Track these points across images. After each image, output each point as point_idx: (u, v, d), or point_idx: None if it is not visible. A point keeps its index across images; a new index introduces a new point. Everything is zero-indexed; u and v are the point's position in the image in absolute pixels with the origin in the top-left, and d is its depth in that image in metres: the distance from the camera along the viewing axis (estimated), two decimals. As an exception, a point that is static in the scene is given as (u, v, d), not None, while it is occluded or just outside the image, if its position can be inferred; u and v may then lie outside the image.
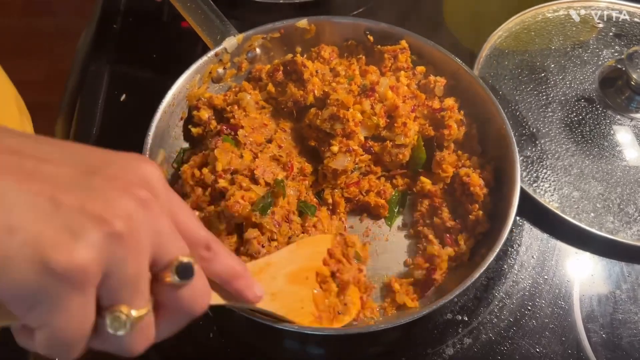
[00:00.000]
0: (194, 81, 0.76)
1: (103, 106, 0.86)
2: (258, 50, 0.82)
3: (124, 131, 0.81)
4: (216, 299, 0.43)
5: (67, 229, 0.31)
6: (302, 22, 0.81)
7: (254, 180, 0.68)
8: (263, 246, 0.64)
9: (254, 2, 0.94)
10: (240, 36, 0.79)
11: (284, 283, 0.58)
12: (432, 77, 0.79)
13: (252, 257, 0.63)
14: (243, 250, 0.64)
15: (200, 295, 0.38)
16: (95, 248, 0.31)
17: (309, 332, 0.61)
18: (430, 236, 0.72)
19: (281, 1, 0.94)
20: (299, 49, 0.83)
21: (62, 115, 0.87)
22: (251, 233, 0.64)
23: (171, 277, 0.35)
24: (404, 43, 0.80)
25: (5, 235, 0.30)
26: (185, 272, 0.36)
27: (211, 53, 0.77)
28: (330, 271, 0.65)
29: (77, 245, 0.31)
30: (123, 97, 0.87)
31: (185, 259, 0.36)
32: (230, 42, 0.78)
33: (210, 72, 0.78)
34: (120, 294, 0.33)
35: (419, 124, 0.76)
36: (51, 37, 2.02)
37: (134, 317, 0.34)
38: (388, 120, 0.74)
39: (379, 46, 0.81)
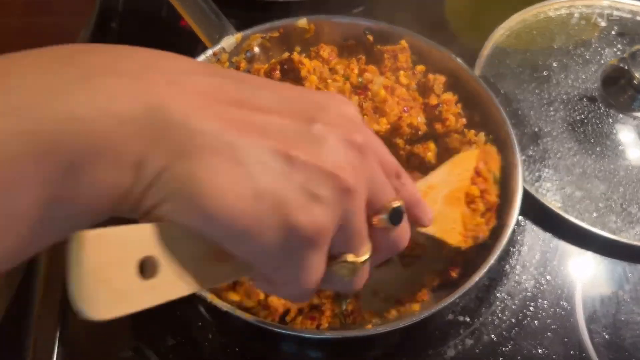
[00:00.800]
0: None
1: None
2: (257, 50, 0.81)
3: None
4: None
5: (305, 188, 0.32)
6: (302, 22, 0.81)
7: None
8: None
9: (254, 1, 0.93)
10: (239, 35, 0.78)
11: (441, 205, 0.59)
12: (431, 75, 0.78)
13: None
14: None
15: (406, 234, 0.41)
16: (331, 206, 0.33)
17: (306, 335, 0.61)
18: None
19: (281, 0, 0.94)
20: (297, 49, 0.82)
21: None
22: None
23: (384, 222, 0.37)
24: (403, 43, 0.79)
25: (254, 201, 0.30)
26: (397, 216, 0.38)
27: (209, 52, 0.76)
28: (479, 190, 0.65)
29: (317, 206, 0.32)
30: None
31: (396, 204, 0.37)
32: (229, 41, 0.77)
33: None
34: (349, 245, 0.36)
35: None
36: (51, 37, 2.02)
37: (360, 263, 0.36)
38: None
39: (378, 46, 0.81)
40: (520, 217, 0.77)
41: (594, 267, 0.74)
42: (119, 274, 0.28)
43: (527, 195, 0.75)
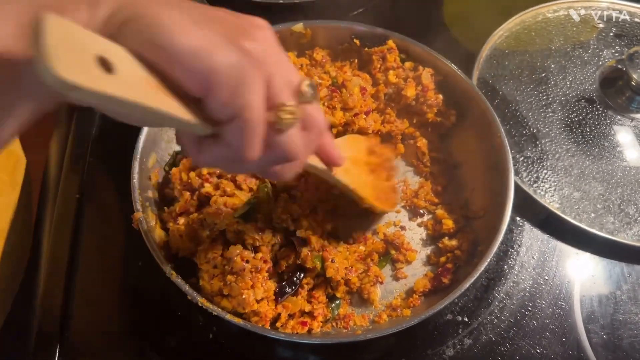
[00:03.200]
0: None
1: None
2: None
3: (123, 132, 0.81)
4: (313, 161, 0.54)
5: (248, 21, 0.41)
6: (298, 26, 0.81)
7: (239, 185, 0.68)
8: (247, 262, 0.63)
9: (253, 2, 0.93)
10: None
11: (349, 163, 0.65)
12: (420, 67, 0.78)
13: (238, 275, 0.62)
14: (227, 269, 0.63)
15: (321, 114, 0.46)
16: (256, 54, 0.39)
17: (300, 340, 0.62)
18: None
19: (280, 1, 0.94)
20: (294, 53, 0.82)
21: (62, 116, 0.86)
22: (233, 251, 0.63)
23: (305, 92, 0.43)
24: (390, 43, 0.80)
25: (204, 25, 0.36)
26: (313, 86, 0.43)
27: None
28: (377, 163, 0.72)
29: (259, 33, 0.40)
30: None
31: (307, 81, 0.43)
32: None
33: None
34: (283, 94, 0.41)
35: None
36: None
37: (296, 111, 0.41)
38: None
39: (366, 48, 0.81)
40: (519, 218, 0.77)
41: (592, 268, 0.74)
42: (81, 54, 0.31)
43: (525, 196, 0.75)
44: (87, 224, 0.73)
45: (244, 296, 0.61)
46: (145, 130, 0.70)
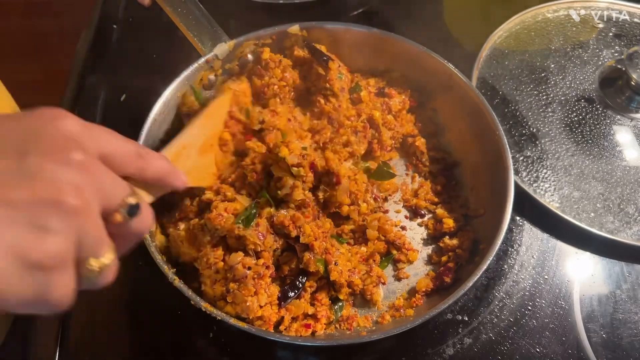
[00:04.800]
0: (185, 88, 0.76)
1: (103, 105, 0.86)
2: (250, 57, 0.81)
3: (124, 131, 0.81)
4: (149, 198, 0.48)
5: (33, 225, 0.33)
6: (294, 28, 0.80)
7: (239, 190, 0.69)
8: (249, 268, 0.63)
9: (253, 3, 0.94)
10: (232, 42, 0.78)
11: (196, 158, 0.64)
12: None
13: (240, 282, 0.62)
14: (229, 276, 0.63)
15: (147, 219, 0.43)
16: (63, 231, 0.34)
17: (304, 343, 0.62)
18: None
19: (281, 1, 0.94)
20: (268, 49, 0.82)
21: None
22: (234, 258, 0.63)
23: (122, 218, 0.40)
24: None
25: None
26: (133, 210, 0.40)
27: (202, 60, 0.76)
28: (231, 133, 0.70)
29: (48, 237, 0.34)
30: (123, 97, 0.87)
31: (132, 201, 0.40)
32: (222, 48, 0.77)
33: (201, 79, 0.77)
34: (91, 252, 0.37)
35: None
36: (51, 38, 2.02)
37: (104, 264, 0.38)
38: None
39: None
40: (518, 217, 0.77)
41: (591, 267, 0.74)
42: None
43: (525, 195, 0.75)
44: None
45: (247, 303, 0.61)
46: (143, 135, 0.70)
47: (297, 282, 0.66)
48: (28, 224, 0.33)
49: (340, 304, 0.68)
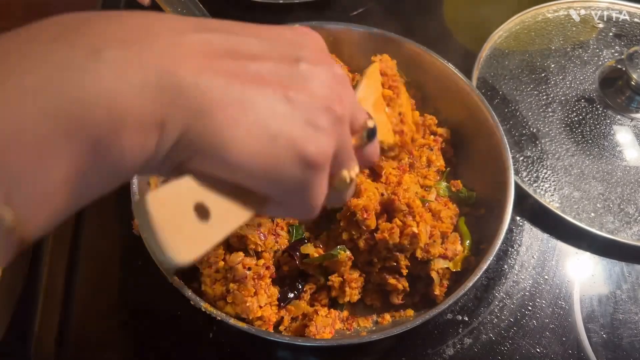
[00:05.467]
0: None
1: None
2: None
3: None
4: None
5: (308, 122, 0.36)
6: None
7: None
8: (249, 269, 0.62)
9: (253, 3, 0.94)
10: None
11: (373, 114, 0.61)
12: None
13: (240, 282, 0.62)
14: (230, 276, 0.63)
15: (376, 147, 0.46)
16: (331, 133, 0.37)
17: (305, 343, 0.61)
18: None
19: (281, 1, 0.94)
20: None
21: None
22: (235, 258, 0.63)
23: (363, 140, 0.43)
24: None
25: (272, 144, 0.34)
26: (372, 134, 0.43)
27: None
28: (389, 85, 0.68)
29: (320, 136, 0.36)
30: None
31: (371, 124, 0.43)
32: None
33: None
34: (345, 164, 0.41)
35: None
36: (51, 39, 2.02)
37: (352, 176, 0.42)
38: None
39: None
40: (519, 217, 0.77)
41: (591, 267, 0.74)
42: (184, 223, 0.32)
43: (525, 195, 0.75)
44: (87, 226, 0.74)
45: (247, 304, 0.61)
46: None
47: (297, 284, 0.66)
48: (303, 121, 0.35)
49: (343, 306, 0.68)
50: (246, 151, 0.33)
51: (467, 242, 0.69)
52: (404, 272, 0.66)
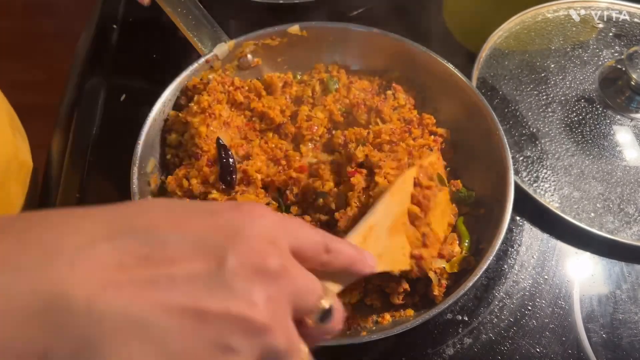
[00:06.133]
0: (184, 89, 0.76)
1: (103, 105, 0.86)
2: (250, 57, 0.81)
3: (124, 131, 0.81)
4: (337, 288, 0.45)
5: (217, 344, 0.31)
6: (294, 28, 0.80)
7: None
8: None
9: (253, 3, 0.94)
10: (232, 42, 0.78)
11: (386, 239, 0.57)
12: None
13: None
14: None
15: (339, 321, 0.41)
16: (247, 351, 0.33)
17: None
18: None
19: (281, 1, 0.94)
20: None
21: (62, 116, 0.87)
22: None
23: (313, 323, 0.39)
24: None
25: None
26: (326, 316, 0.39)
27: (202, 60, 0.76)
28: (418, 200, 0.62)
29: (231, 359, 0.32)
30: (123, 97, 0.87)
31: (325, 305, 0.38)
32: (222, 48, 0.77)
33: (201, 79, 0.77)
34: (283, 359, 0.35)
35: None
36: (51, 39, 2.02)
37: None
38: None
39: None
40: (518, 217, 0.77)
41: (591, 267, 0.74)
42: None
43: (525, 195, 0.75)
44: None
45: None
46: (143, 136, 0.70)
47: None
48: (212, 342, 0.32)
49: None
50: None
51: (466, 242, 0.69)
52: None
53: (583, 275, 0.73)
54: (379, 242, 0.56)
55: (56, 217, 0.34)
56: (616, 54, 0.90)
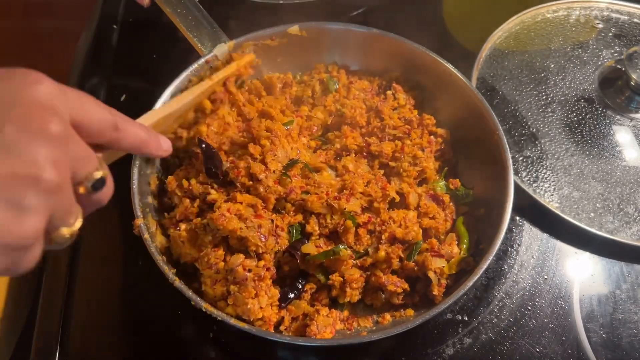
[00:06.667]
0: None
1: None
2: None
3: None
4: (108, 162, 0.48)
5: (10, 202, 0.33)
6: (294, 29, 0.80)
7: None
8: (250, 271, 0.62)
9: (253, 3, 0.94)
10: (231, 43, 0.77)
11: (171, 125, 0.67)
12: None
13: (241, 284, 0.62)
14: (230, 278, 0.63)
15: (108, 192, 0.44)
16: (39, 210, 0.34)
17: (306, 343, 0.61)
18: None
19: (281, 2, 0.94)
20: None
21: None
22: (235, 260, 0.63)
23: (88, 189, 0.41)
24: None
25: None
26: (98, 185, 0.41)
27: (201, 60, 0.76)
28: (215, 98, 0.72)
29: (26, 217, 0.34)
30: (123, 97, 0.87)
31: (98, 175, 0.41)
32: (221, 49, 0.77)
33: (201, 80, 0.77)
34: (62, 222, 0.38)
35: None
36: (51, 38, 2.02)
37: (74, 229, 0.39)
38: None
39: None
40: (518, 217, 0.77)
41: (591, 267, 0.74)
42: None
43: (524, 195, 0.75)
44: (87, 227, 0.73)
45: (248, 306, 0.61)
46: None
47: (297, 284, 0.66)
48: (5, 201, 0.33)
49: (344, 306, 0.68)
50: None
51: (465, 243, 0.69)
52: (395, 262, 0.67)
53: (583, 275, 0.73)
54: (172, 126, 0.67)
55: None
56: (616, 54, 0.90)
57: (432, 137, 0.77)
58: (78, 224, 0.40)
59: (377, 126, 0.77)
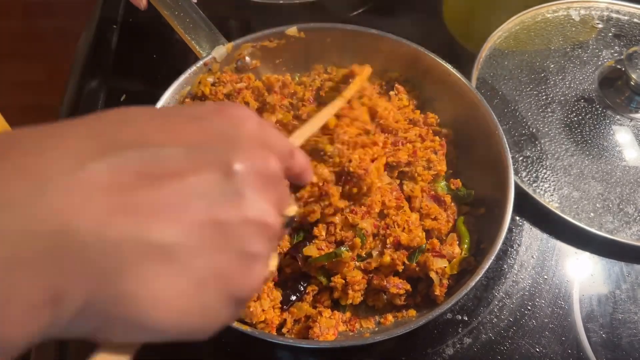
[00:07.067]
0: (184, 92, 0.76)
1: (103, 106, 0.87)
2: (248, 59, 0.81)
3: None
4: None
5: (241, 254, 0.31)
6: (292, 30, 0.80)
7: None
8: None
9: (253, 3, 0.94)
10: (230, 45, 0.77)
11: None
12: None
13: None
14: None
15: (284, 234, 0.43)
16: (264, 258, 0.32)
17: (309, 346, 0.61)
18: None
19: (281, 2, 0.94)
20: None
21: (62, 116, 0.87)
22: None
23: (280, 227, 0.38)
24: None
25: (200, 292, 0.29)
26: (290, 223, 0.39)
27: (200, 63, 0.76)
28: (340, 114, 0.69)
29: (256, 266, 0.32)
30: (123, 97, 0.88)
31: (291, 213, 0.38)
32: (220, 51, 0.77)
33: (199, 82, 0.77)
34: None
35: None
36: (51, 38, 2.02)
37: (272, 271, 0.37)
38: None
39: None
40: (518, 217, 0.77)
41: (591, 267, 0.74)
42: None
43: (524, 195, 0.75)
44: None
45: (251, 309, 0.61)
46: None
47: (299, 286, 0.66)
48: (237, 250, 0.30)
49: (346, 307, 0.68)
50: (170, 310, 0.29)
51: (466, 243, 0.69)
52: (400, 268, 0.66)
53: (583, 275, 0.74)
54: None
55: (30, 136, 0.28)
56: (616, 54, 0.90)
57: (437, 137, 0.77)
58: (275, 262, 0.38)
59: (388, 131, 0.76)
